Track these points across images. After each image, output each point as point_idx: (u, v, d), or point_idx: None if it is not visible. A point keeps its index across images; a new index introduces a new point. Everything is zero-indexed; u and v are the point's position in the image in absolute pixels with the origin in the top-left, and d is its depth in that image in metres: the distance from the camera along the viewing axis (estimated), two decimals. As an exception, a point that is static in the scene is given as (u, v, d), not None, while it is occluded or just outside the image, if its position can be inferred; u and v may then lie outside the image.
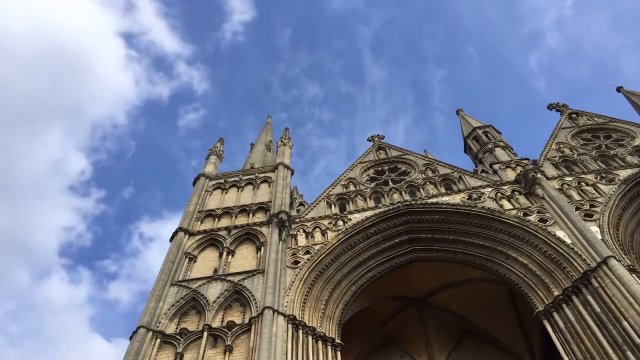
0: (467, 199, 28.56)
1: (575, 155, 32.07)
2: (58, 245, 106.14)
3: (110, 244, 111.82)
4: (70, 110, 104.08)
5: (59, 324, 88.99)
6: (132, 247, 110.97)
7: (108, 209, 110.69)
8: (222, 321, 22.34)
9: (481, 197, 28.44)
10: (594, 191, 27.27)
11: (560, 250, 23.29)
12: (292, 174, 35.29)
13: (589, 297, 21.10)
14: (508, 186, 29.12)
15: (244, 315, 22.51)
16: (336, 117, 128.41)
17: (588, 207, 25.78)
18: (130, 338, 21.53)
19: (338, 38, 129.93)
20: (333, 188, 32.87)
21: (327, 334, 23.18)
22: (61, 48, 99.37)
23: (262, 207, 30.49)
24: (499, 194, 28.51)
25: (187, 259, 26.76)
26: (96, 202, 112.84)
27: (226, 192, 33.36)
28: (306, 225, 28.65)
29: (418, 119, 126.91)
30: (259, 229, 28.07)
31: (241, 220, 29.65)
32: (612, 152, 31.94)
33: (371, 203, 30.59)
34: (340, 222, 28.44)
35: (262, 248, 26.49)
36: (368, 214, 28.45)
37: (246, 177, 34.61)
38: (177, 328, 22.38)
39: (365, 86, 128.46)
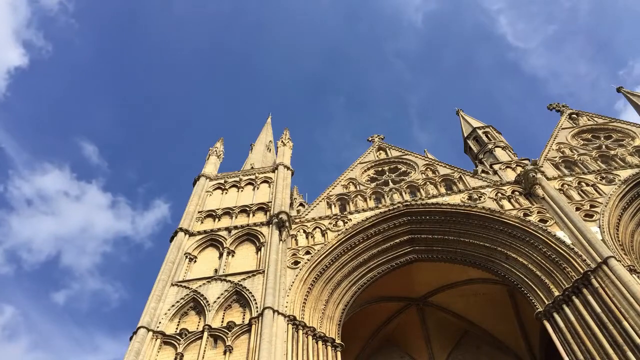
0: (467, 199, 28.55)
1: (575, 156, 32.07)
2: None
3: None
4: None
5: None
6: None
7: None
8: (222, 321, 22.33)
9: (481, 197, 28.43)
10: (594, 191, 27.26)
11: (561, 251, 23.28)
12: (292, 174, 35.27)
13: (589, 298, 21.09)
14: (508, 186, 29.11)
15: (244, 315, 22.50)
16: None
17: (588, 208, 25.76)
18: (131, 338, 21.51)
19: (387, 107, 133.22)
20: (333, 188, 32.86)
21: (327, 335, 23.17)
22: None
23: (262, 208, 30.48)
24: (499, 195, 28.50)
25: (187, 259, 26.76)
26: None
27: (226, 193, 33.37)
28: (306, 226, 28.64)
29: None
30: (259, 229, 28.07)
31: (241, 220, 29.65)
32: (612, 152, 31.91)
33: (371, 203, 30.58)
34: (340, 223, 28.43)
35: (262, 248, 26.48)
36: (368, 214, 28.44)
37: (246, 178, 34.60)
38: (177, 328, 22.38)
39: (412, 146, 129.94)
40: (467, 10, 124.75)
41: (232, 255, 26.87)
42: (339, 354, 23.05)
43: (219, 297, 23.41)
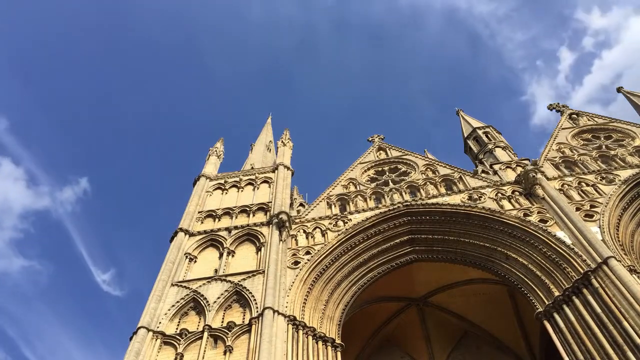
0: (467, 199, 28.55)
1: (575, 156, 32.06)
2: None
3: None
4: None
5: None
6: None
7: None
8: (222, 321, 22.35)
9: (481, 197, 28.42)
10: (594, 192, 27.26)
11: (561, 251, 23.27)
12: (292, 174, 35.27)
13: (590, 298, 21.09)
14: (508, 187, 29.10)
15: (244, 315, 22.51)
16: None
17: (588, 208, 25.76)
18: (131, 338, 21.52)
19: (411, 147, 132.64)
20: (333, 188, 32.86)
21: (327, 335, 23.17)
22: None
23: (262, 208, 30.49)
24: (499, 195, 28.50)
25: (187, 259, 26.76)
26: None
27: (226, 193, 33.37)
28: (306, 226, 28.65)
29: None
30: (259, 230, 28.07)
31: (241, 220, 29.66)
32: (612, 152, 31.90)
33: (371, 203, 30.58)
34: (340, 223, 28.43)
35: (262, 248, 26.49)
36: (368, 214, 28.44)
37: (246, 178, 34.60)
38: (177, 328, 22.39)
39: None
40: (493, 66, 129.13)
41: (232, 256, 26.88)
42: (339, 354, 23.05)
43: (219, 297, 23.42)
